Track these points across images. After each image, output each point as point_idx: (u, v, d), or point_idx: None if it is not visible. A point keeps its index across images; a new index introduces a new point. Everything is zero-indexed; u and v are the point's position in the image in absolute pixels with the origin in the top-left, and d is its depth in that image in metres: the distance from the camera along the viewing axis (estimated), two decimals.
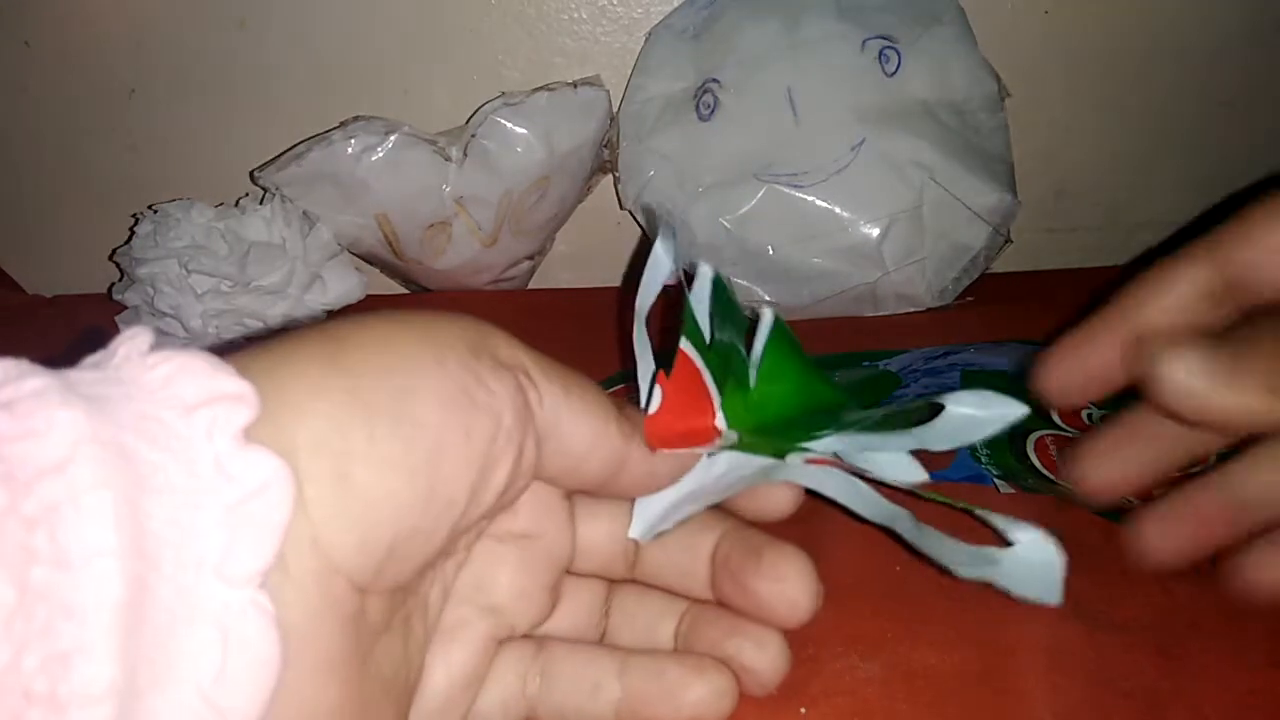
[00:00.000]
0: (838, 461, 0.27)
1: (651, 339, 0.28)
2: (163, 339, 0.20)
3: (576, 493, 0.27)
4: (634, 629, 0.28)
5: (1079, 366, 0.30)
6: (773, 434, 0.27)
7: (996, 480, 0.38)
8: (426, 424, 0.21)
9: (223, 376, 0.19)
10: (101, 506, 0.16)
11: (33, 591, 0.15)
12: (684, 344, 0.27)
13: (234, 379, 0.19)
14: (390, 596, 0.22)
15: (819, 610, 0.30)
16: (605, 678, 0.26)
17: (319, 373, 0.20)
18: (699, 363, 0.27)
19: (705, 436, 0.27)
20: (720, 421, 0.27)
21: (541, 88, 0.60)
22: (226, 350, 0.21)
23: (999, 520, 0.24)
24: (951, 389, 0.42)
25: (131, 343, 0.19)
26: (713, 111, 0.60)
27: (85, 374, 0.18)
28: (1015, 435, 0.39)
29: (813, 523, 0.31)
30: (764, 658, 0.26)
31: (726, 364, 0.27)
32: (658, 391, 0.27)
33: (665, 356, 0.27)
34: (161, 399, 0.18)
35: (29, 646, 0.15)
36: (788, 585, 0.26)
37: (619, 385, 0.48)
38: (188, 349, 0.19)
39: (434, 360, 0.21)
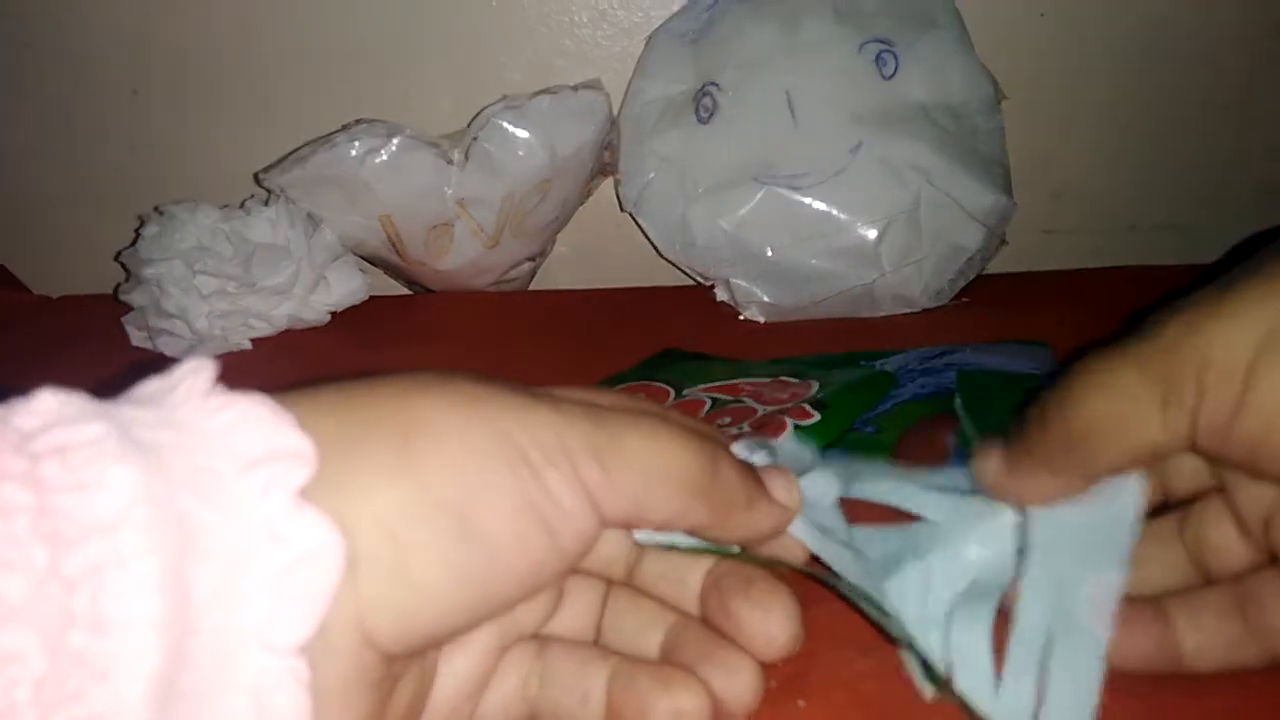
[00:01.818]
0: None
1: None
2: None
3: None
4: (621, 635, 0.28)
5: None
6: None
7: None
8: (489, 533, 0.21)
9: (285, 430, 0.19)
10: (147, 574, 0.16)
11: (67, 655, 0.15)
12: None
13: (296, 435, 0.19)
14: None
15: (819, 609, 0.30)
16: (594, 685, 0.26)
17: (392, 459, 0.20)
18: None
19: None
20: None
21: (542, 91, 0.61)
22: (289, 390, 0.21)
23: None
24: (948, 388, 0.43)
25: (194, 378, 0.19)
26: (712, 114, 0.60)
27: (142, 413, 0.18)
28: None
29: None
30: (731, 687, 0.25)
31: None
32: None
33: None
34: (220, 449, 0.18)
35: (57, 711, 0.15)
36: (770, 618, 0.26)
37: (617, 386, 0.48)
38: (250, 394, 0.19)
39: (508, 466, 0.21)
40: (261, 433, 0.18)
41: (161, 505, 0.16)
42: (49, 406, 0.17)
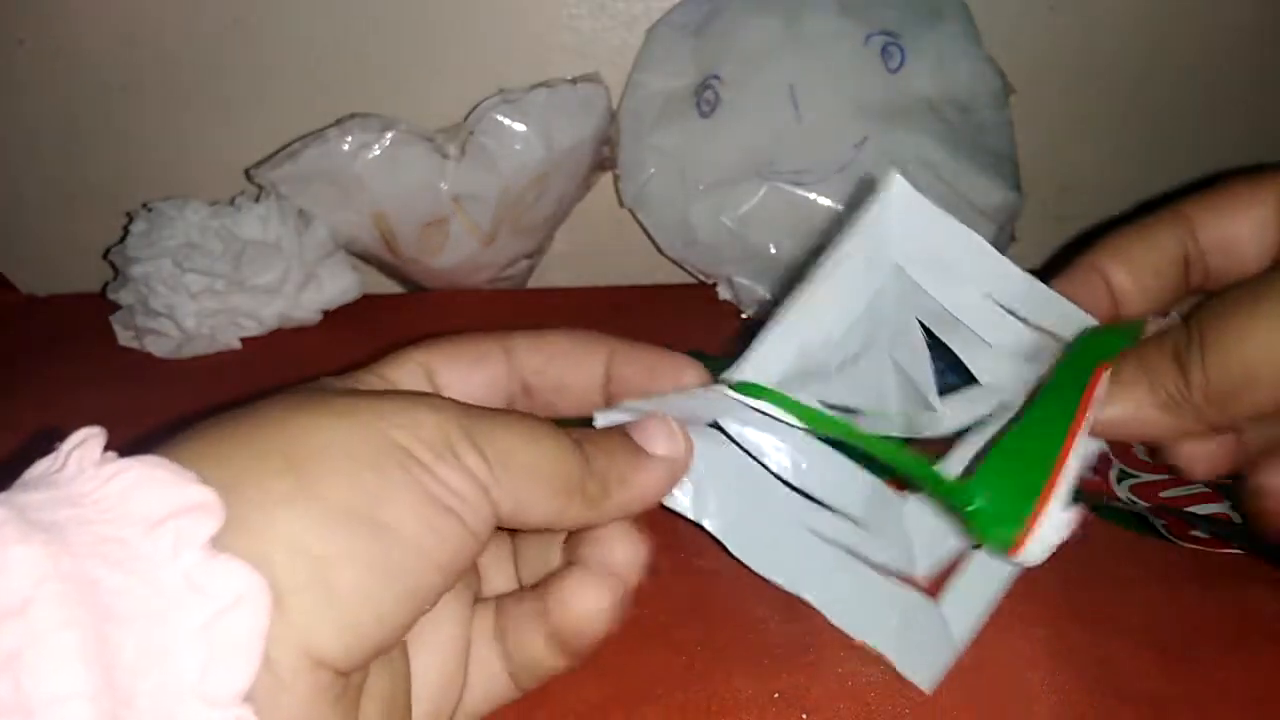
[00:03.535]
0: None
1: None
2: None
3: None
4: (531, 568, 0.29)
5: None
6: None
7: None
8: (402, 528, 0.21)
9: (185, 485, 0.18)
10: (67, 648, 0.15)
11: None
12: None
13: (197, 487, 0.18)
14: None
15: (820, 616, 0.29)
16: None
17: (287, 485, 0.20)
18: None
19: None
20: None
21: (540, 84, 0.60)
22: (169, 442, 0.20)
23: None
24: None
25: (82, 450, 0.19)
26: (714, 108, 0.59)
27: (35, 495, 0.18)
28: None
29: None
30: (611, 554, 0.26)
31: None
32: None
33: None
34: (120, 516, 0.18)
35: None
36: (616, 544, 0.27)
37: None
38: (143, 456, 0.19)
39: (399, 466, 0.21)
40: (161, 491, 0.18)
41: (70, 578, 0.16)
42: None
